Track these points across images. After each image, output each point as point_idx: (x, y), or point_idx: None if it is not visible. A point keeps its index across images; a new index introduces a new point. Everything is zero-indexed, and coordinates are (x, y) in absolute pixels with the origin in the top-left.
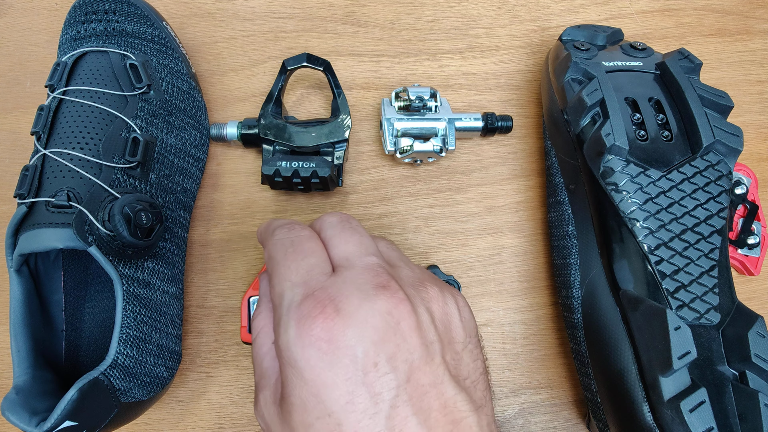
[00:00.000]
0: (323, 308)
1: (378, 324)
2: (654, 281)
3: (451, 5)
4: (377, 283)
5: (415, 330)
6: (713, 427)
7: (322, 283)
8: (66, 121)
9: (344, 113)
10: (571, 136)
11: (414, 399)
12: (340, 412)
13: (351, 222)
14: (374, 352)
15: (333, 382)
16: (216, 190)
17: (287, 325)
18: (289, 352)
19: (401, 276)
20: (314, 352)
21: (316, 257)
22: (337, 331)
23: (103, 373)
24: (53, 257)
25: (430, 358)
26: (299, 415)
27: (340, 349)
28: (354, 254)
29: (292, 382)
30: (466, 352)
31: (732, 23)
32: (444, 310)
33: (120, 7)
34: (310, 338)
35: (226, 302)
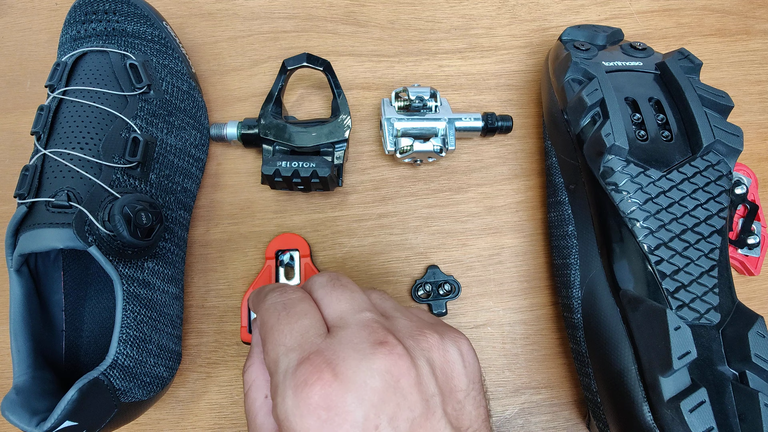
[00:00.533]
0: (320, 373)
1: (377, 385)
2: (654, 281)
3: (451, 5)
4: (374, 340)
5: (415, 386)
6: (713, 427)
7: (318, 346)
8: (66, 121)
9: (344, 113)
10: (571, 136)
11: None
12: None
13: (341, 279)
14: (374, 414)
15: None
16: (216, 190)
17: (284, 394)
18: (288, 422)
19: (398, 328)
20: (313, 421)
21: (310, 318)
22: (335, 396)
23: (103, 373)
24: (53, 257)
25: (431, 413)
26: None
27: (339, 415)
28: (347, 312)
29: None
30: (469, 400)
31: (732, 23)
32: (445, 357)
33: (120, 7)
34: (309, 407)
35: (226, 302)
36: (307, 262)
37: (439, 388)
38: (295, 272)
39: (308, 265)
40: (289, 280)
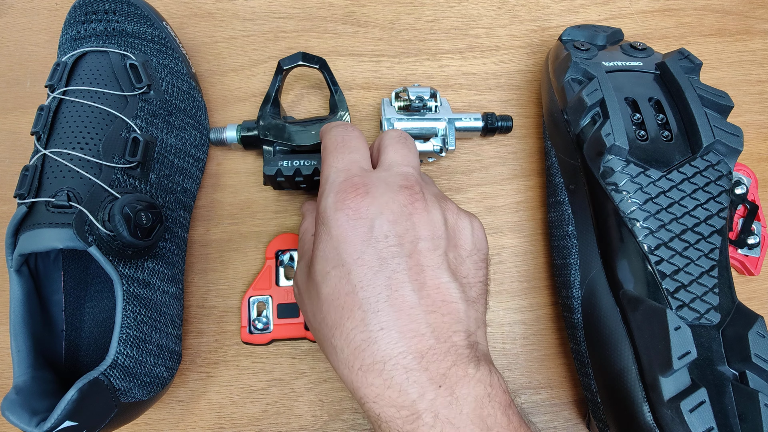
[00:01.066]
0: (356, 188)
1: (395, 209)
2: (654, 281)
3: (451, 5)
4: (403, 185)
5: (425, 223)
6: (713, 427)
7: (360, 173)
8: (66, 121)
9: (342, 110)
10: (571, 136)
11: (412, 272)
12: (351, 263)
13: (408, 140)
14: (387, 227)
15: (351, 240)
16: (216, 190)
17: (327, 195)
18: (325, 213)
19: (429, 189)
20: (342, 215)
21: (359, 154)
22: (363, 205)
23: (103, 373)
24: (53, 257)
25: (434, 248)
26: (321, 264)
27: (362, 218)
28: (396, 162)
29: (321, 237)
30: (470, 260)
31: (732, 23)
32: (456, 221)
33: (120, 7)
34: (342, 205)
35: (226, 302)
36: None
37: (446, 236)
38: None
39: None
40: (290, 280)
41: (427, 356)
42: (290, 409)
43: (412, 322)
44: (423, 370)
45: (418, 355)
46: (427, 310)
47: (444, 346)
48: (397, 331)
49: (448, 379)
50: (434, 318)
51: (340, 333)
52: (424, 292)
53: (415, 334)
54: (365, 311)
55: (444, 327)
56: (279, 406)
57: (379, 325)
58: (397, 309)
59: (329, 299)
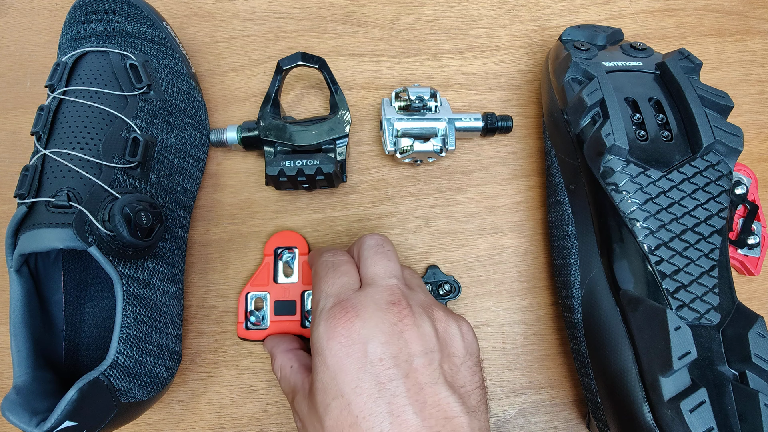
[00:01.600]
0: (346, 313)
1: (385, 329)
2: (654, 281)
3: (451, 5)
4: (390, 300)
5: (417, 338)
6: (713, 427)
7: (349, 296)
8: (66, 122)
9: (343, 109)
10: (571, 136)
11: (411, 392)
12: (350, 393)
13: (385, 247)
14: (381, 350)
15: (347, 369)
16: (216, 190)
17: (318, 324)
18: (319, 344)
19: (415, 299)
20: (335, 344)
21: (348, 277)
22: (354, 330)
23: (103, 373)
24: (53, 257)
25: (428, 363)
26: (321, 396)
27: (355, 344)
28: (379, 275)
29: (318, 368)
30: (464, 367)
31: (732, 23)
32: (446, 329)
33: (120, 7)
34: (334, 333)
35: (226, 302)
36: (306, 260)
37: (438, 348)
38: (293, 270)
39: (306, 263)
40: (288, 277)
41: None
42: (290, 409)
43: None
44: None
45: None
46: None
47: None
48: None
49: None
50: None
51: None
52: (426, 413)
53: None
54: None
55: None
56: (279, 406)
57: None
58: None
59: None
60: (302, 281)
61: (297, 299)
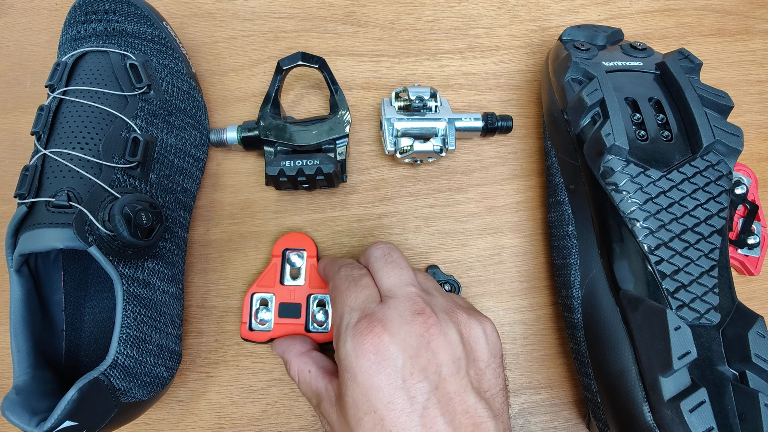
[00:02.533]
0: (373, 328)
1: (413, 343)
2: (654, 281)
3: (451, 5)
4: (414, 311)
5: (444, 347)
6: (713, 427)
7: (373, 310)
8: (66, 121)
9: (343, 109)
10: (571, 136)
11: (442, 403)
12: (383, 409)
13: (392, 255)
14: (411, 364)
15: (378, 386)
16: (216, 190)
17: (345, 340)
18: (347, 361)
19: (435, 303)
20: (365, 361)
21: (369, 290)
22: (382, 346)
23: (103, 373)
24: (53, 257)
25: (456, 371)
26: (352, 410)
27: (384, 360)
28: (395, 285)
29: (347, 385)
30: (489, 370)
31: (732, 23)
32: (470, 332)
33: (120, 7)
34: (363, 350)
35: (226, 302)
36: (314, 263)
37: (464, 354)
38: (300, 272)
39: (314, 267)
40: (295, 279)
41: None
42: (290, 409)
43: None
44: None
45: None
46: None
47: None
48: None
49: None
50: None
51: None
52: (456, 422)
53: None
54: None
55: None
56: (279, 406)
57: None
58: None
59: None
60: (309, 284)
61: (302, 302)
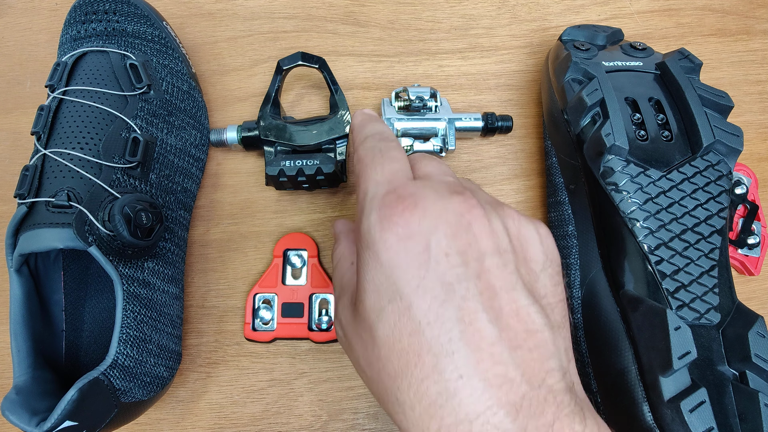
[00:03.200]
0: (403, 200)
1: (451, 220)
2: (654, 281)
3: (451, 5)
4: (453, 191)
5: (488, 234)
6: (713, 427)
7: (404, 183)
8: (66, 121)
9: (343, 109)
10: (571, 136)
11: (484, 297)
12: (411, 294)
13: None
14: (446, 244)
15: (406, 265)
16: (216, 190)
17: (370, 212)
18: (369, 235)
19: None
20: (391, 235)
21: (400, 163)
22: (413, 220)
23: (103, 373)
24: (53, 257)
25: (503, 264)
26: (372, 299)
27: (415, 235)
28: (434, 172)
29: (367, 265)
30: (545, 275)
31: (732, 23)
32: (520, 229)
33: (120, 7)
34: (389, 223)
35: (226, 302)
36: (315, 263)
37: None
38: (302, 273)
39: (316, 266)
40: (296, 279)
41: (522, 410)
42: (290, 409)
43: (497, 364)
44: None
45: (512, 409)
46: (510, 345)
47: (540, 393)
48: (480, 378)
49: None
50: (521, 355)
51: (408, 385)
52: (503, 322)
53: (504, 381)
54: (437, 355)
55: (535, 366)
56: (279, 406)
57: (458, 372)
58: (475, 348)
59: (388, 342)
60: (310, 284)
61: (305, 302)
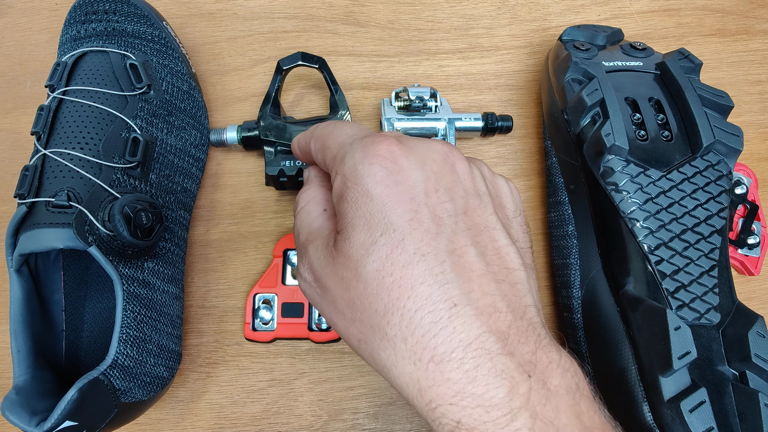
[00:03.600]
0: (386, 138)
1: (437, 158)
2: (654, 281)
3: (451, 5)
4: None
5: (469, 176)
6: (713, 427)
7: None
8: (66, 121)
9: (343, 109)
10: (571, 136)
11: (472, 232)
12: (404, 227)
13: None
14: (434, 180)
15: (398, 199)
16: (216, 190)
17: (353, 152)
18: (356, 172)
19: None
20: (380, 169)
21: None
22: (400, 156)
23: (103, 373)
24: (53, 257)
25: (483, 206)
26: (361, 235)
27: (404, 170)
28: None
29: (357, 201)
30: (516, 222)
31: (732, 23)
32: (494, 179)
33: (120, 7)
34: (377, 157)
35: (226, 302)
36: None
37: (489, 192)
38: None
39: None
40: (296, 279)
41: (510, 337)
42: (290, 409)
43: (486, 294)
44: (509, 355)
45: (501, 336)
46: (496, 279)
47: (523, 324)
48: (472, 306)
49: (537, 367)
50: (505, 288)
51: (400, 318)
52: (488, 257)
53: (493, 310)
54: (431, 285)
55: (516, 299)
56: (279, 406)
57: (451, 301)
58: (466, 279)
59: (378, 277)
60: None
61: (305, 302)
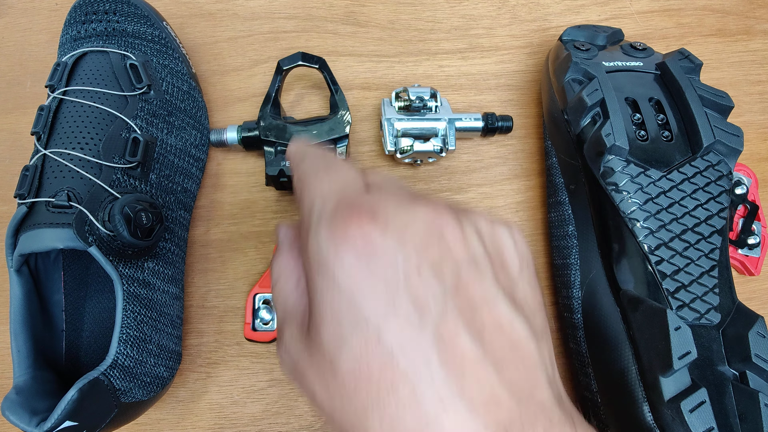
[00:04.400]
0: (358, 212)
1: (419, 229)
2: (654, 281)
3: (452, 5)
4: (414, 197)
5: (461, 242)
6: (713, 427)
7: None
8: (66, 122)
9: (343, 109)
10: (572, 136)
11: (464, 312)
12: (379, 321)
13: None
14: (416, 257)
15: (371, 288)
16: (216, 190)
17: (318, 230)
18: (320, 256)
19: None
20: (348, 254)
21: (351, 174)
22: (374, 233)
23: (103, 373)
24: (53, 257)
25: (480, 274)
26: (330, 330)
27: (378, 252)
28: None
29: (323, 292)
30: (523, 279)
31: (732, 23)
32: (494, 233)
33: (120, 7)
34: (345, 239)
35: (226, 302)
36: None
37: (487, 254)
38: None
39: None
40: None
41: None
42: (290, 409)
43: (482, 384)
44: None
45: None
46: (496, 362)
47: (529, 411)
48: (464, 401)
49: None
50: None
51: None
52: (486, 338)
53: (490, 401)
54: (414, 383)
55: (522, 381)
56: (279, 406)
57: (438, 397)
58: (457, 370)
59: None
60: None
61: None
